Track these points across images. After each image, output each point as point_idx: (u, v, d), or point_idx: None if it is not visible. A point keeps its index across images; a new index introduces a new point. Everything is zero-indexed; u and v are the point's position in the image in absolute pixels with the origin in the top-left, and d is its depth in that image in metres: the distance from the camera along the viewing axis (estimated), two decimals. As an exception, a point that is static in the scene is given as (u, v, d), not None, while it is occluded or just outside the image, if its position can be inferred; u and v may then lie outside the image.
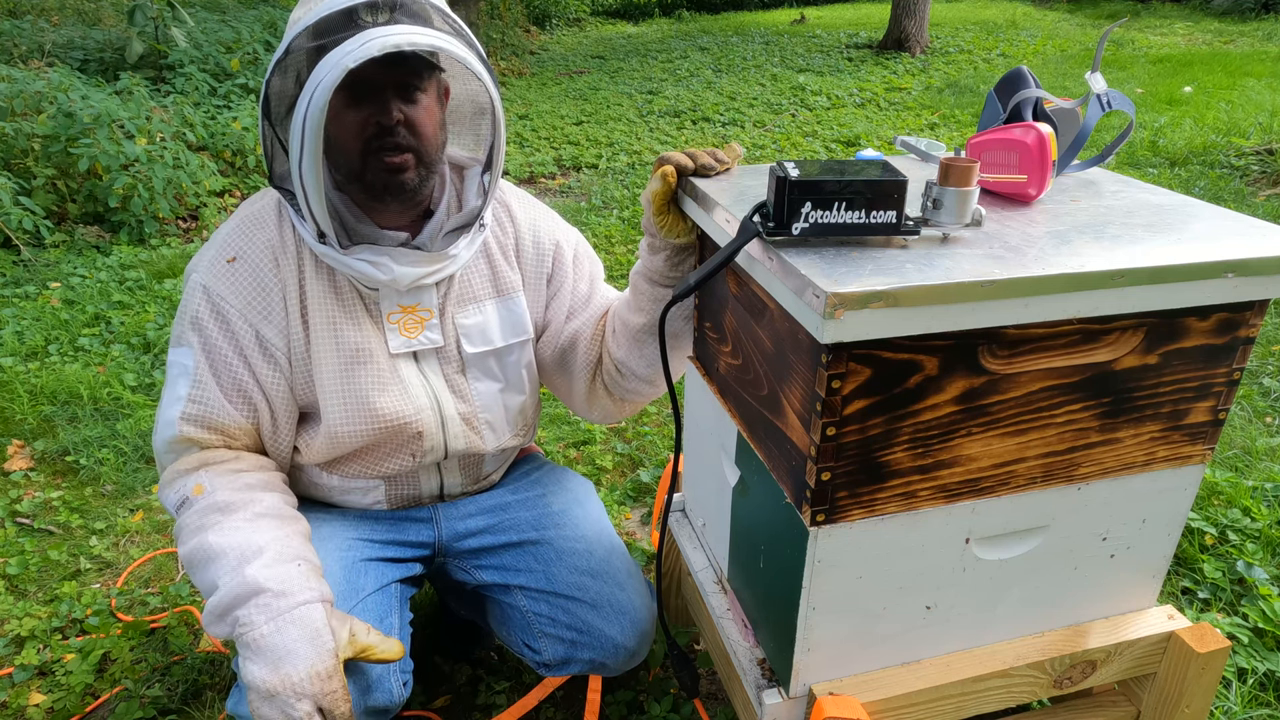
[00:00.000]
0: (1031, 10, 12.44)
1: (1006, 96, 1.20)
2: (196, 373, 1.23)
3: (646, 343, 1.35)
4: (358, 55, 1.05)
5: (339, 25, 1.10)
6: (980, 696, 1.13)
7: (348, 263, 1.21)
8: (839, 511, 0.97)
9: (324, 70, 1.06)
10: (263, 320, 1.23)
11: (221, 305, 1.22)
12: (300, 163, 1.11)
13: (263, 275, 1.24)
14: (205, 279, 1.23)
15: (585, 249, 1.50)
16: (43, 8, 8.46)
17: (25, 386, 2.84)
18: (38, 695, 1.72)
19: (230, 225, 1.28)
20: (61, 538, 2.21)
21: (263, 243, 1.25)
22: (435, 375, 1.33)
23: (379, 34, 1.07)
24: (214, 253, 1.25)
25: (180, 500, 1.22)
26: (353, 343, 1.26)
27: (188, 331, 1.24)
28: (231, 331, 1.23)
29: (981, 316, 0.86)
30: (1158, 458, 1.07)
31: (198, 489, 1.20)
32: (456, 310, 1.33)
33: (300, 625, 1.09)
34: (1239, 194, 4.31)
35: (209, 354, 1.23)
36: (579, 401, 1.49)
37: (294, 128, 1.10)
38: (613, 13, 14.69)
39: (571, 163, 5.72)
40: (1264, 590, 1.81)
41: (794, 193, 0.89)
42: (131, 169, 4.26)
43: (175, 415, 1.23)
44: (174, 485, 1.23)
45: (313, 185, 1.13)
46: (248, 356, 1.24)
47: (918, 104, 7.02)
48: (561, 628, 1.39)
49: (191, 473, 1.23)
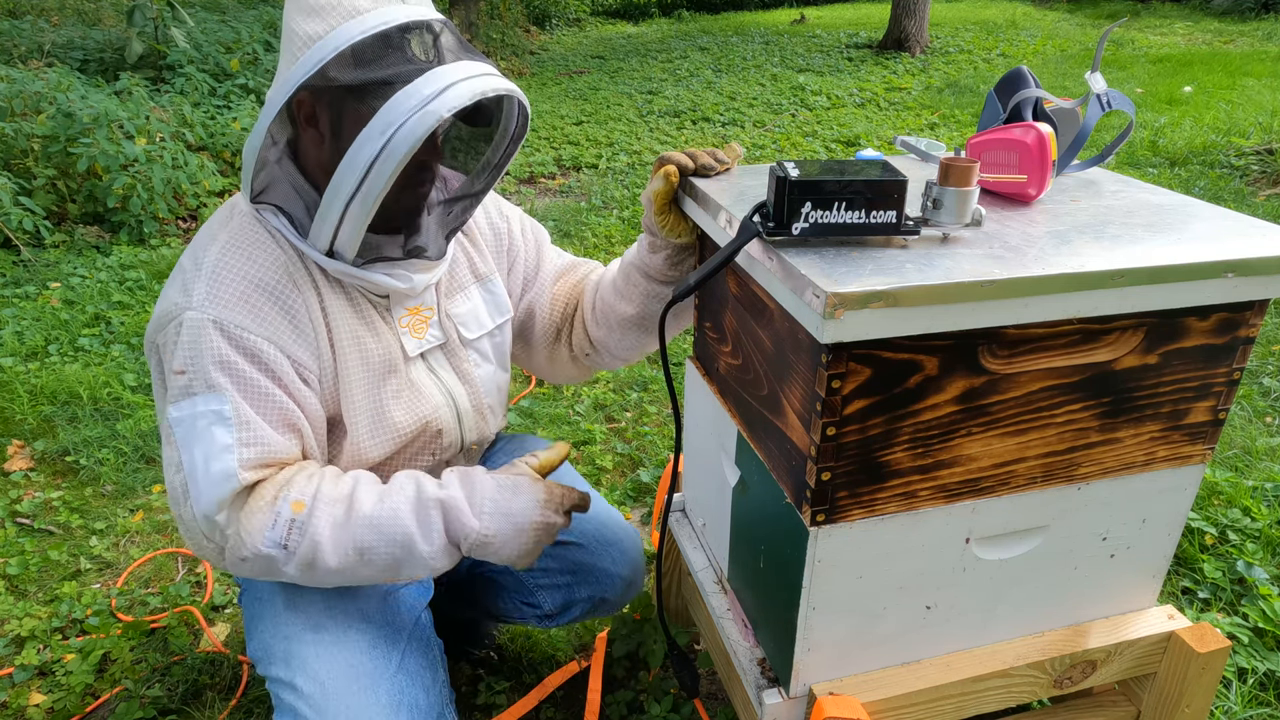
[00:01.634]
0: (1031, 10, 12.44)
1: (1006, 96, 1.20)
2: (238, 415, 1.09)
3: (631, 331, 1.37)
4: (450, 105, 1.01)
5: (388, 54, 1.03)
6: (980, 696, 1.13)
7: (365, 276, 1.16)
8: (839, 511, 0.97)
9: (400, 114, 1.00)
10: (294, 344, 1.14)
11: (246, 337, 1.10)
12: (353, 196, 1.05)
13: (285, 297, 1.14)
14: (216, 314, 1.09)
15: (527, 218, 1.50)
16: (43, 8, 8.46)
17: (25, 386, 2.84)
18: (38, 695, 1.72)
19: (218, 251, 1.13)
20: (61, 538, 2.21)
21: (273, 263, 1.14)
22: (444, 370, 1.33)
23: (456, 77, 1.03)
24: (209, 284, 1.10)
25: (286, 527, 1.10)
26: (378, 354, 1.22)
27: (212, 375, 1.09)
28: (264, 363, 1.11)
29: (981, 316, 0.86)
30: (1158, 458, 1.07)
31: (297, 506, 1.10)
32: (447, 302, 1.33)
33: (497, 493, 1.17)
34: (1239, 194, 4.31)
35: (246, 392, 1.10)
36: (538, 366, 1.52)
37: (354, 163, 1.03)
38: (613, 13, 14.69)
39: (571, 163, 5.72)
40: (1264, 590, 1.81)
41: (794, 193, 0.89)
42: (131, 169, 4.26)
43: (231, 467, 1.08)
44: (261, 530, 1.09)
45: (360, 216, 1.07)
46: (286, 385, 1.14)
47: (918, 104, 7.02)
48: (554, 575, 1.42)
49: (271, 504, 1.10)
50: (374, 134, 1.02)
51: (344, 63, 1.03)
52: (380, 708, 1.14)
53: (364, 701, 1.13)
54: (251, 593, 1.29)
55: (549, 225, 4.39)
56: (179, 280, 1.14)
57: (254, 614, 1.26)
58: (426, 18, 1.06)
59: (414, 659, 1.23)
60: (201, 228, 1.21)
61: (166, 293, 1.15)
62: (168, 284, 1.16)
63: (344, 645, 1.17)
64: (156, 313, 1.14)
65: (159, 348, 1.14)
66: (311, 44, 1.03)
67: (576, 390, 2.89)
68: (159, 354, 1.15)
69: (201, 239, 1.17)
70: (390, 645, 1.21)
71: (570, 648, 1.80)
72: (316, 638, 1.17)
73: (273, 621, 1.21)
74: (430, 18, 1.07)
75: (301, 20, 1.04)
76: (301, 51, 1.04)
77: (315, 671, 1.14)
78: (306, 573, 1.12)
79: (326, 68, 1.02)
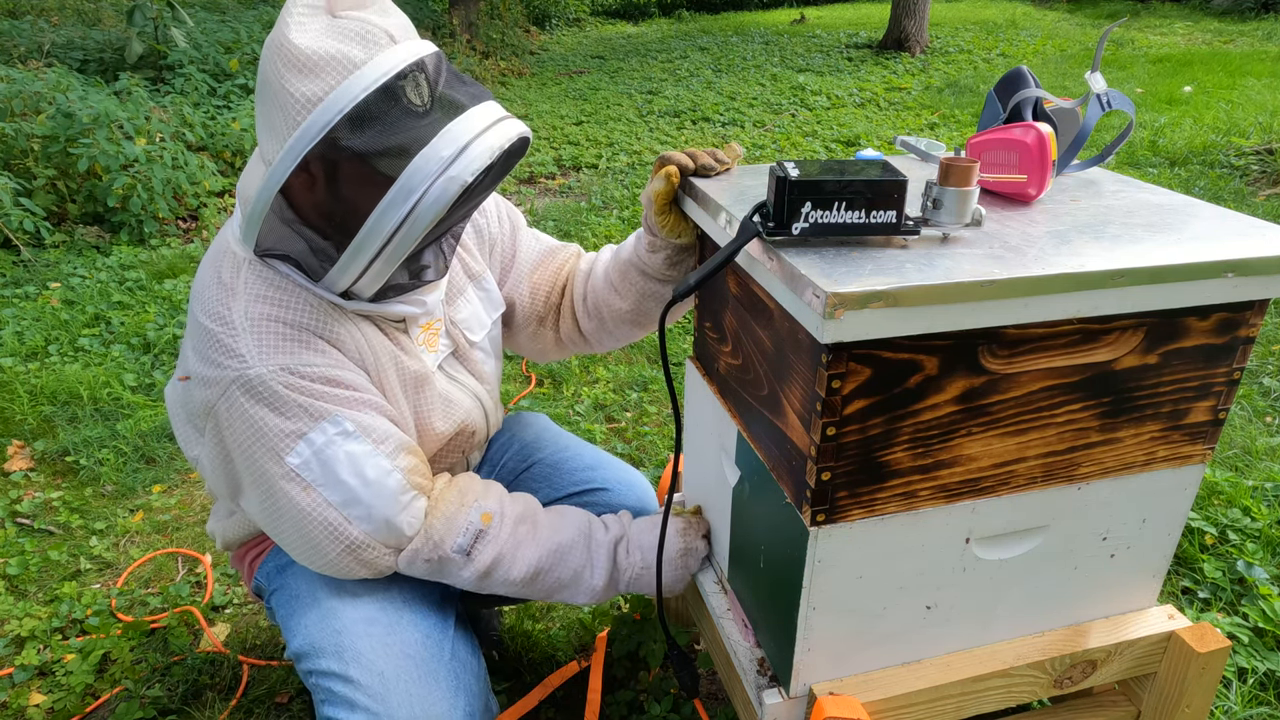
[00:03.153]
0: (1031, 10, 12.44)
1: (1006, 96, 1.20)
2: (359, 425, 1.12)
3: (623, 325, 1.41)
4: (472, 169, 1.00)
5: (393, 109, 0.99)
6: (980, 696, 1.13)
7: (384, 308, 1.17)
8: (839, 511, 0.97)
9: (423, 179, 0.98)
10: (352, 371, 1.17)
11: (316, 371, 1.11)
12: (378, 254, 1.04)
13: (329, 332, 1.14)
14: (279, 362, 1.09)
15: (503, 202, 1.48)
16: (42, 8, 8.46)
17: (25, 387, 2.84)
18: (38, 695, 1.72)
19: (244, 305, 1.10)
20: (61, 538, 2.21)
21: (303, 305, 1.13)
22: (462, 374, 1.35)
23: (473, 132, 1.01)
24: (255, 339, 1.09)
25: (474, 535, 1.21)
26: (413, 372, 1.24)
27: (312, 407, 1.10)
28: (343, 382, 1.14)
29: (981, 316, 0.86)
30: (1158, 457, 1.07)
31: (486, 517, 1.23)
32: (450, 309, 1.34)
33: (646, 530, 1.33)
34: (1239, 194, 4.31)
35: (347, 405, 1.13)
36: (518, 345, 1.55)
37: (380, 227, 1.01)
38: (613, 13, 14.69)
39: (571, 163, 5.72)
40: (1264, 590, 1.81)
41: (794, 193, 0.89)
42: (131, 169, 4.26)
43: (383, 465, 1.13)
44: (453, 535, 1.19)
45: (385, 269, 1.07)
46: (369, 393, 1.17)
47: (918, 104, 7.02)
48: None
49: (461, 511, 1.21)
50: (397, 201, 0.99)
51: (351, 125, 0.98)
52: (442, 694, 1.16)
53: (426, 690, 1.15)
54: (286, 592, 1.28)
55: (549, 225, 4.39)
56: (210, 343, 1.10)
57: (293, 611, 1.25)
58: (421, 55, 1.02)
59: (462, 647, 1.25)
60: (201, 277, 1.17)
61: (205, 356, 1.10)
62: (193, 350, 1.13)
63: (398, 636, 1.18)
64: (201, 383, 1.11)
65: (218, 414, 1.11)
66: (311, 107, 0.97)
67: (576, 390, 2.89)
68: (216, 419, 1.12)
69: (212, 294, 1.13)
70: (441, 635, 1.23)
71: (570, 648, 1.80)
72: (369, 630, 1.18)
73: (319, 616, 1.21)
74: (424, 53, 1.03)
75: (294, 80, 0.97)
76: (301, 115, 0.98)
77: (372, 662, 1.15)
78: (481, 580, 1.24)
79: (335, 131, 0.97)
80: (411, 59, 1.01)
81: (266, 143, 1.03)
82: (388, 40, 1.00)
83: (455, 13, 9.53)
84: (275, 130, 1.00)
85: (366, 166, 1.00)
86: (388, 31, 1.01)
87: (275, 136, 1.01)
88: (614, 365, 3.04)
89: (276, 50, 0.98)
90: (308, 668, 1.19)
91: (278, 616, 1.30)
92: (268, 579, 1.33)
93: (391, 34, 1.01)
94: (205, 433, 1.15)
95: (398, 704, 1.12)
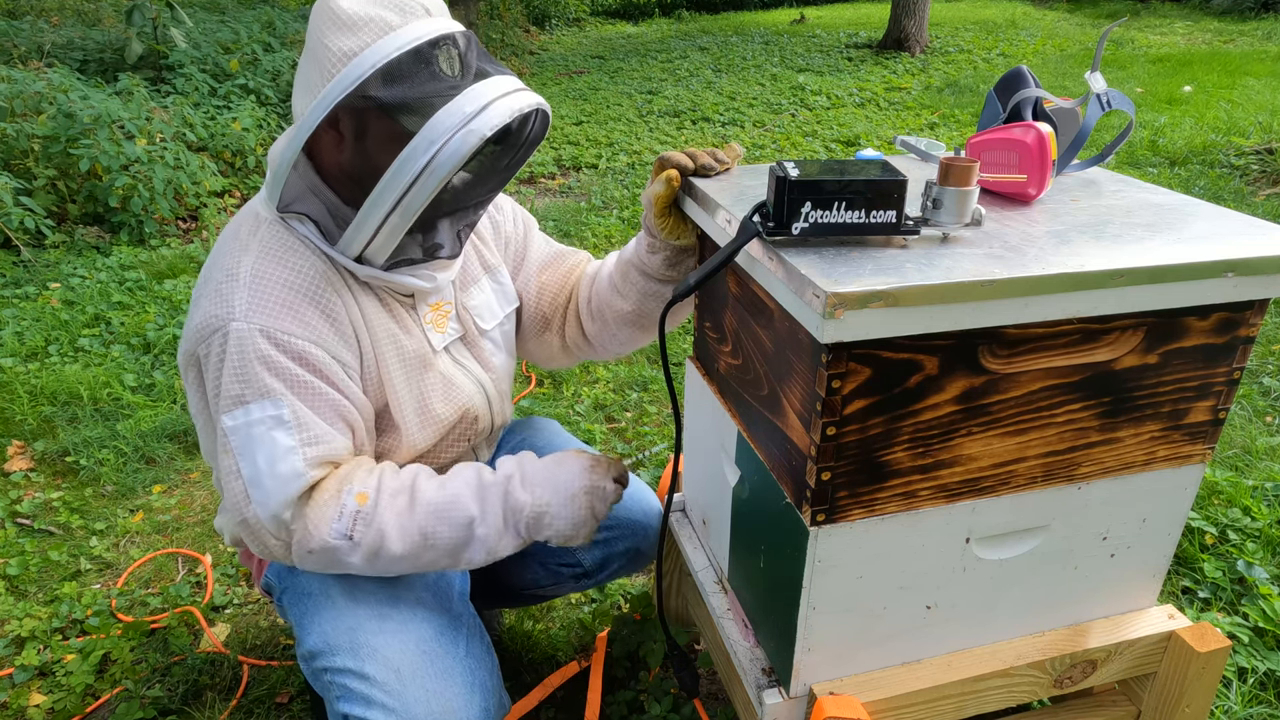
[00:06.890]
0: (1031, 10, 12.44)
1: (1006, 96, 1.20)
2: (296, 417, 1.13)
3: (626, 327, 1.41)
4: (491, 124, 1.04)
5: (423, 69, 1.06)
6: (980, 696, 1.13)
7: (393, 278, 1.19)
8: (839, 511, 0.97)
9: (443, 131, 1.03)
10: (338, 345, 1.17)
11: (293, 342, 1.13)
12: (394, 209, 1.08)
13: (324, 301, 1.16)
14: (261, 322, 1.11)
15: (519, 207, 1.52)
16: (42, 8, 8.47)
17: (25, 387, 2.84)
18: (38, 696, 1.72)
19: (253, 260, 1.15)
20: (61, 538, 2.21)
21: (309, 269, 1.16)
22: (468, 360, 1.36)
23: (493, 94, 1.06)
24: (250, 293, 1.13)
25: (351, 519, 1.15)
26: (412, 351, 1.26)
27: (265, 381, 1.11)
28: (313, 364, 1.14)
29: (981, 316, 0.86)
30: (1158, 457, 1.07)
31: (361, 498, 1.15)
32: (463, 294, 1.36)
33: (543, 468, 1.24)
34: (1239, 193, 4.31)
35: (299, 393, 1.14)
36: (525, 351, 1.56)
37: (398, 179, 1.05)
38: (613, 13, 14.69)
39: (571, 163, 5.72)
40: (1264, 589, 1.81)
41: (794, 192, 0.89)
42: (131, 169, 4.26)
43: (298, 467, 1.12)
44: (327, 522, 1.14)
45: (399, 227, 1.10)
46: (337, 383, 1.17)
47: (917, 104, 7.02)
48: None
49: (335, 498, 1.15)
50: (418, 151, 1.04)
51: (382, 79, 1.04)
52: (458, 689, 1.16)
53: (442, 685, 1.15)
54: (297, 591, 1.28)
55: (549, 225, 4.39)
56: (213, 292, 1.14)
57: (305, 610, 1.25)
58: (453, 30, 1.09)
59: (475, 643, 1.26)
60: (222, 236, 1.22)
61: (200, 305, 1.15)
62: (199, 297, 1.17)
63: (412, 632, 1.19)
64: (193, 326, 1.15)
65: (199, 360, 1.15)
66: (347, 60, 1.04)
67: (576, 390, 2.89)
68: (199, 366, 1.16)
69: (228, 248, 1.18)
70: (454, 630, 1.24)
71: (570, 648, 1.80)
72: (382, 626, 1.18)
73: (332, 614, 1.21)
74: (456, 30, 1.10)
75: (334, 35, 1.05)
76: (337, 68, 1.04)
77: (388, 658, 1.15)
78: (371, 562, 1.16)
79: (366, 84, 1.03)
80: (445, 30, 1.08)
81: (301, 99, 1.10)
82: (424, 12, 1.08)
83: (455, 13, 9.53)
84: (310, 86, 1.07)
85: (392, 122, 1.06)
86: (425, 5, 1.09)
87: (310, 91, 1.07)
88: (614, 365, 3.04)
89: (321, 11, 1.06)
90: (322, 665, 1.19)
91: (289, 615, 1.30)
92: (278, 577, 1.34)
93: (428, 8, 1.09)
94: (192, 383, 1.20)
95: (414, 699, 1.13)
